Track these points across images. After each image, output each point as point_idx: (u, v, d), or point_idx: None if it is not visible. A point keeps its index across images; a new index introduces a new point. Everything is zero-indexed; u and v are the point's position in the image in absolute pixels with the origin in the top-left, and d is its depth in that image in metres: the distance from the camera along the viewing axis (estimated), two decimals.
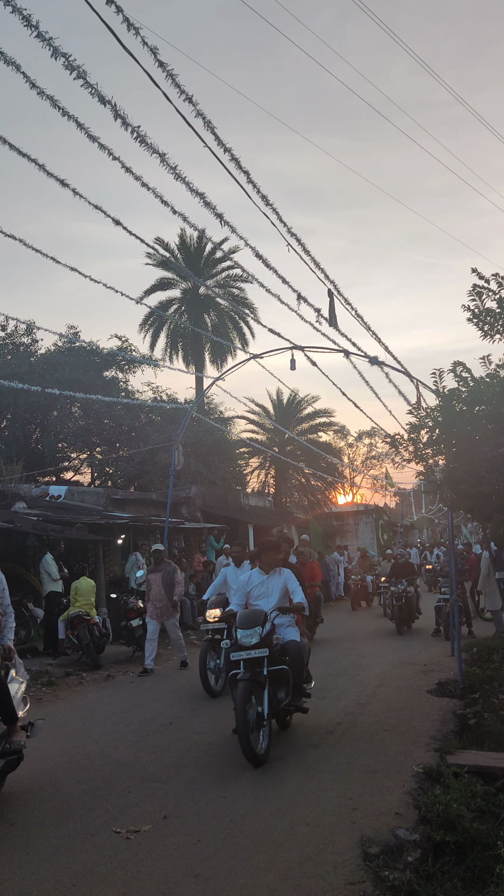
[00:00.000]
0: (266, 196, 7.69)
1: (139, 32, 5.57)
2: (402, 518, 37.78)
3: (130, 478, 23.89)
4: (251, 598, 6.71)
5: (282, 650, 6.26)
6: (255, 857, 3.97)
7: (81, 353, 24.43)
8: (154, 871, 3.86)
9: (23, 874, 3.88)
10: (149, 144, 6.48)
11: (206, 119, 6.56)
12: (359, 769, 5.45)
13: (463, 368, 6.87)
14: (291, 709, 6.45)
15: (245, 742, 5.46)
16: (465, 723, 6.97)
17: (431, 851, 4.04)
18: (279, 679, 6.12)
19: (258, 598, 6.65)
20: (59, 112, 6.25)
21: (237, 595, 6.89)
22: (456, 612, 9.73)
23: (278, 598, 6.60)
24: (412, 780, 5.13)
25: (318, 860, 3.91)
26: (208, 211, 7.44)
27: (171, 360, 29.85)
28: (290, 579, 6.68)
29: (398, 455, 7.84)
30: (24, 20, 5.48)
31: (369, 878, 3.69)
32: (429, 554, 27.51)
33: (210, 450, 24.33)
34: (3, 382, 11.56)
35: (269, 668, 5.92)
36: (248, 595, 6.72)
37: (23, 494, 16.59)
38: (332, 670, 9.98)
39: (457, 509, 9.15)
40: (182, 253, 29.48)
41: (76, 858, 4.05)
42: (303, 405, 30.88)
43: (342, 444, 42.81)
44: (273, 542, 7.09)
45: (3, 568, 11.38)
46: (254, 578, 6.80)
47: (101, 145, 6.59)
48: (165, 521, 14.23)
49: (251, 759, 5.52)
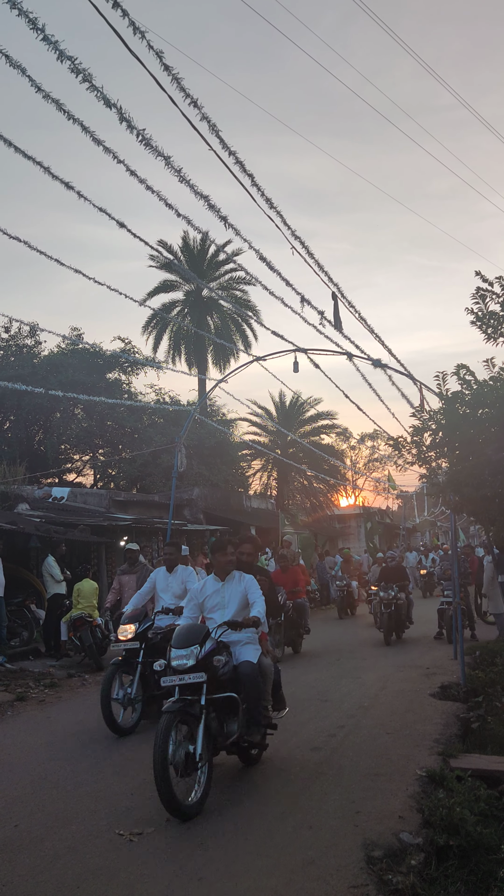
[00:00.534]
0: (270, 199, 7.70)
1: (145, 36, 5.58)
2: (404, 521, 37.76)
3: (133, 480, 23.91)
4: (205, 609, 5.70)
5: (234, 674, 5.25)
6: (257, 861, 3.97)
7: (85, 355, 24.48)
8: (157, 873, 3.85)
9: (27, 876, 3.88)
10: (154, 147, 6.49)
11: (210, 122, 6.57)
12: (362, 772, 5.44)
13: (466, 371, 6.87)
14: (244, 744, 5.35)
15: (163, 788, 4.41)
16: (469, 726, 6.95)
17: (435, 855, 4.03)
18: (227, 709, 5.11)
19: (212, 609, 5.63)
20: (64, 115, 6.26)
21: (189, 606, 5.81)
22: (459, 616, 9.71)
23: (236, 609, 5.56)
24: (415, 784, 5.12)
25: (322, 863, 3.90)
26: (212, 213, 7.45)
27: (174, 363, 29.93)
28: (252, 587, 5.61)
29: (401, 458, 7.84)
30: (30, 23, 5.49)
31: (372, 882, 3.69)
32: (424, 558, 26.51)
33: (213, 452, 24.35)
34: (6, 384, 11.57)
35: (210, 695, 4.94)
36: (202, 606, 5.72)
37: (26, 496, 16.62)
38: (333, 673, 9.97)
39: (460, 512, 9.14)
40: (185, 255, 29.53)
41: (79, 860, 4.05)
42: (305, 407, 30.90)
43: (345, 446, 42.82)
44: (223, 541, 5.99)
45: (6, 569, 11.47)
46: (208, 587, 5.74)
47: (106, 148, 6.60)
48: (168, 522, 14.22)
49: (173, 809, 4.46)
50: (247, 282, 29.31)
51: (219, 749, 5.14)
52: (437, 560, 25.60)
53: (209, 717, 4.92)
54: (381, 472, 45.27)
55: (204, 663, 4.96)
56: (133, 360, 23.85)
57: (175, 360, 29.97)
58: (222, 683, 5.10)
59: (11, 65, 5.78)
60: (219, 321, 29.99)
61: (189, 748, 4.67)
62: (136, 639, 7.15)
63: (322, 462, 28.06)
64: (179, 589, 7.62)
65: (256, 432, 30.82)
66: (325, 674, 9.93)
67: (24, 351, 25.18)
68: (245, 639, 5.49)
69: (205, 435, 23.75)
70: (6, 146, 6.46)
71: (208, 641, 5.11)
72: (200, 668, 4.91)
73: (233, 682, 5.19)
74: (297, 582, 12.47)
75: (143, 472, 23.02)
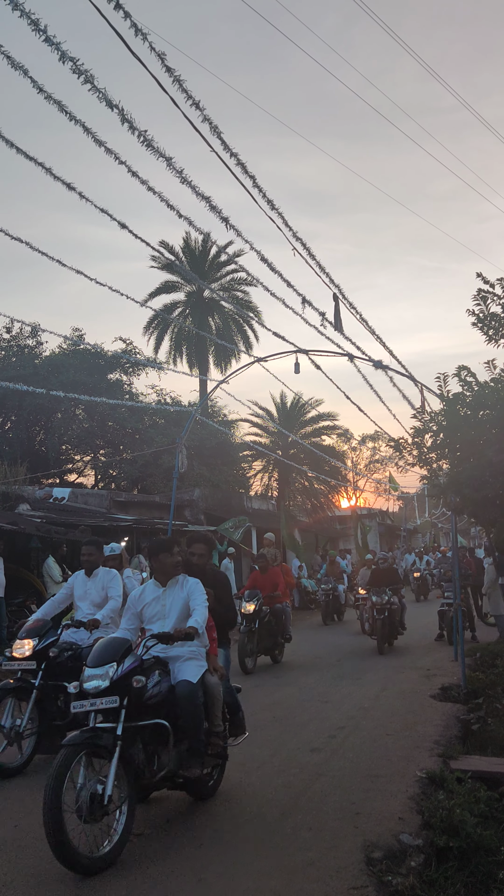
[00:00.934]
0: (272, 200, 7.70)
1: (147, 37, 5.58)
2: (405, 522, 37.74)
3: (134, 480, 23.93)
4: (144, 620, 4.94)
5: (168, 695, 4.50)
6: (257, 862, 3.97)
7: (86, 356, 24.51)
8: (156, 875, 3.85)
9: (26, 876, 3.89)
10: (156, 148, 6.49)
11: (212, 124, 6.57)
12: (362, 774, 5.44)
13: (467, 373, 6.88)
14: (179, 780, 4.60)
15: (54, 838, 3.70)
16: (469, 728, 6.95)
17: (435, 856, 4.04)
18: (157, 739, 4.38)
19: (152, 619, 4.89)
20: (66, 116, 6.27)
21: (126, 617, 5.00)
22: (459, 617, 9.71)
23: (177, 618, 4.82)
24: (415, 785, 5.12)
25: (321, 864, 3.90)
26: (214, 214, 7.45)
27: (176, 363, 29.94)
28: (195, 592, 4.86)
29: (402, 459, 7.84)
30: (32, 24, 5.50)
31: (372, 883, 3.69)
32: (418, 560, 25.50)
33: (213, 453, 24.36)
34: (7, 384, 11.58)
35: (130, 723, 4.20)
36: (141, 616, 4.95)
37: (27, 496, 16.63)
38: (334, 674, 9.97)
39: (460, 513, 9.14)
40: (187, 256, 29.55)
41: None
42: (306, 408, 30.87)
43: (346, 447, 42.85)
44: (167, 539, 5.25)
45: (7, 570, 11.47)
46: (147, 593, 4.96)
47: (107, 149, 6.60)
48: (169, 523, 14.22)
49: (68, 863, 3.75)
50: (248, 283, 29.32)
51: (146, 787, 4.41)
52: (431, 563, 25.38)
53: (132, 749, 4.21)
54: (382, 473, 45.34)
55: (122, 685, 4.23)
56: (134, 360, 23.88)
57: (176, 361, 30.02)
58: (152, 708, 4.35)
59: (13, 66, 5.78)
60: (220, 322, 30.00)
61: (98, 788, 3.94)
62: (35, 657, 5.98)
63: (323, 463, 28.05)
64: (99, 597, 6.58)
65: (257, 433, 30.79)
66: (326, 675, 9.93)
67: (25, 351, 25.22)
68: (186, 654, 4.75)
69: (206, 436, 23.76)
70: (8, 147, 6.46)
71: (129, 658, 4.38)
72: (116, 691, 4.20)
73: (170, 706, 4.48)
74: (276, 585, 11.25)
75: (143, 473, 23.03)
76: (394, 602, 12.37)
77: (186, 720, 4.49)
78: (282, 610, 11.23)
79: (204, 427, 22.40)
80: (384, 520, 40.86)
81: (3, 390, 15.86)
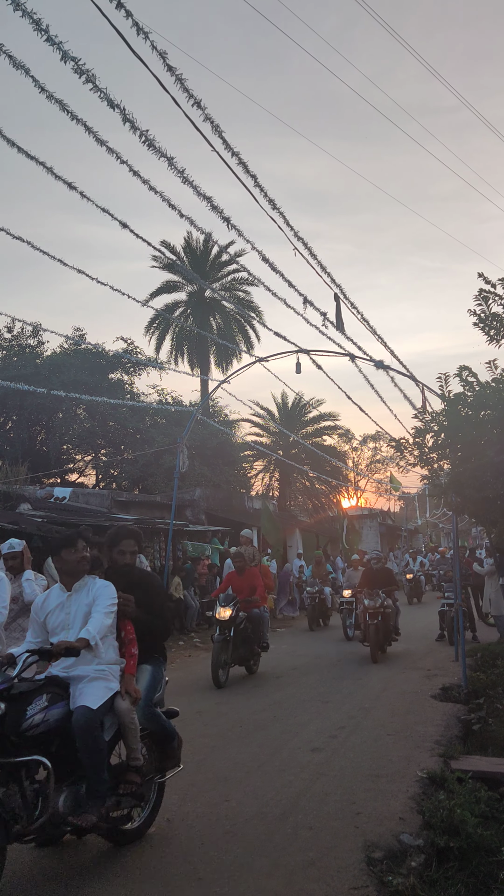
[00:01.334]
0: (273, 200, 7.70)
1: (148, 37, 5.59)
2: (405, 522, 37.76)
3: (135, 480, 23.94)
4: (49, 630, 4.20)
5: (60, 724, 3.74)
6: (257, 861, 3.97)
7: (87, 356, 24.53)
8: (156, 873, 3.86)
9: (25, 874, 3.89)
10: (157, 148, 6.50)
11: (213, 123, 6.58)
12: (362, 773, 5.44)
13: (469, 373, 6.88)
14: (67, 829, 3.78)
15: None
16: (470, 728, 6.95)
17: (435, 857, 4.03)
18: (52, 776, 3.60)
19: (55, 630, 4.16)
20: (68, 115, 6.27)
21: (31, 628, 4.31)
22: (460, 617, 9.70)
23: (81, 628, 4.08)
24: (416, 785, 5.12)
25: (322, 864, 3.90)
26: (215, 214, 7.45)
27: (177, 363, 29.95)
28: (101, 596, 4.12)
29: (403, 459, 7.85)
30: (33, 24, 5.50)
31: (373, 883, 3.69)
32: (411, 561, 24.64)
33: (215, 452, 24.37)
34: (8, 384, 11.59)
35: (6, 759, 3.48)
36: (45, 626, 4.22)
37: (28, 496, 16.63)
38: (334, 675, 9.96)
39: (461, 514, 9.15)
40: (188, 256, 29.55)
41: (78, 858, 4.05)
42: (308, 408, 30.91)
43: (347, 447, 42.85)
44: (67, 534, 4.34)
45: None
46: (50, 600, 4.26)
47: (109, 149, 6.61)
48: (170, 523, 14.21)
49: None
50: (249, 283, 29.31)
51: (21, 838, 3.50)
52: (426, 563, 25.12)
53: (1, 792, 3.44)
54: (383, 473, 45.35)
55: None
56: (135, 360, 23.89)
57: (177, 361, 30.03)
58: (31, 740, 3.58)
59: (15, 65, 5.78)
60: (221, 322, 30.01)
61: None
62: None
63: (324, 463, 28.07)
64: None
65: (259, 433, 30.84)
66: (326, 675, 9.93)
67: (26, 351, 25.25)
68: (92, 673, 3.99)
69: (207, 436, 23.77)
70: (9, 146, 6.48)
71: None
72: None
73: (65, 737, 3.74)
74: (254, 588, 10.08)
75: (145, 473, 23.05)
76: (388, 605, 11.42)
77: (83, 754, 3.75)
78: (259, 616, 10.15)
79: (205, 427, 22.41)
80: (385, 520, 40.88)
81: (4, 390, 15.88)
